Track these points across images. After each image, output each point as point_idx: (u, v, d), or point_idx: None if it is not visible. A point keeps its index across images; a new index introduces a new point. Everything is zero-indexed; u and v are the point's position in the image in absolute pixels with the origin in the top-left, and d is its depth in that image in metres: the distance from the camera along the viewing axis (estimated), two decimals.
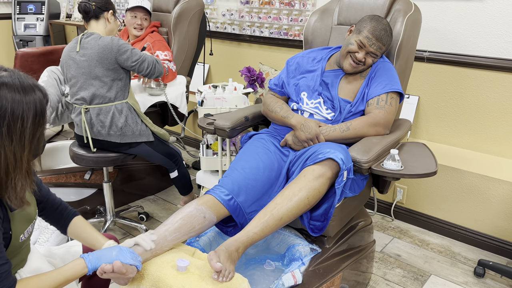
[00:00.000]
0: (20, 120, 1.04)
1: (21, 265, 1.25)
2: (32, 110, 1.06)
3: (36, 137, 1.10)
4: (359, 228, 1.96)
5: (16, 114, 1.04)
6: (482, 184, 2.35)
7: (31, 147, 1.09)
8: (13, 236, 1.17)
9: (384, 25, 1.83)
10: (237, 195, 1.63)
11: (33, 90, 1.07)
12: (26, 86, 1.06)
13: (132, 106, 2.26)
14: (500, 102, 2.40)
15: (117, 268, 1.23)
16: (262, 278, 1.60)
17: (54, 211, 1.41)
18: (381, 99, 1.83)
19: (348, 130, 1.78)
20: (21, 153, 1.07)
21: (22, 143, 1.06)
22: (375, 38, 1.81)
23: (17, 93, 1.04)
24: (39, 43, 4.67)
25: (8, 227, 1.14)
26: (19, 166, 1.08)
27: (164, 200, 2.98)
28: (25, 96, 1.05)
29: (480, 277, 2.20)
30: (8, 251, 1.17)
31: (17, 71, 1.10)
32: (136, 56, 2.16)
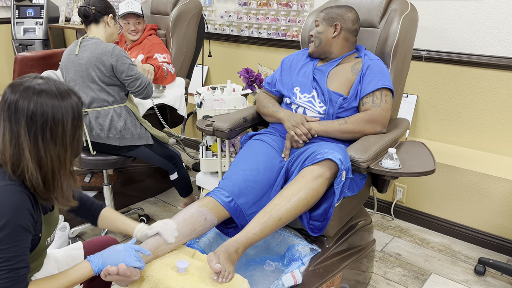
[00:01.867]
0: (61, 124, 1.12)
1: (37, 269, 1.28)
2: (71, 114, 1.14)
3: (76, 139, 1.18)
4: (359, 228, 1.96)
5: (56, 119, 1.12)
6: (481, 182, 2.35)
7: (73, 148, 1.17)
8: (42, 239, 1.21)
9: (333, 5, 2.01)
10: (237, 197, 1.63)
11: (69, 95, 1.15)
12: (63, 92, 1.14)
13: (130, 109, 2.26)
14: (498, 100, 2.41)
15: (122, 271, 1.24)
16: (262, 279, 1.60)
17: (83, 207, 1.47)
18: (376, 97, 1.84)
19: (346, 123, 1.81)
20: (64, 154, 1.15)
21: (64, 145, 1.15)
22: (319, 12, 2.00)
23: (55, 99, 1.12)
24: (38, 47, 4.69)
25: (39, 229, 1.19)
26: (64, 167, 1.16)
27: (165, 202, 2.99)
28: (63, 101, 1.13)
29: (481, 275, 2.20)
30: (33, 254, 1.21)
31: (51, 78, 1.17)
32: (132, 72, 2.16)
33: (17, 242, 1.09)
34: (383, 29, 2.04)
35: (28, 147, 1.10)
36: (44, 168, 1.13)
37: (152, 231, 1.44)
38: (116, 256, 1.27)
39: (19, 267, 1.11)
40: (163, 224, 1.46)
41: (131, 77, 2.15)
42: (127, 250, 1.29)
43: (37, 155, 1.11)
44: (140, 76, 2.18)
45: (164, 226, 1.45)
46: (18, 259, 1.10)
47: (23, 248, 1.11)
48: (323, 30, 1.95)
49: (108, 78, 2.15)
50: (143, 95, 2.22)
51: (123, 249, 1.29)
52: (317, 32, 1.96)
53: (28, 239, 1.13)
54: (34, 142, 1.11)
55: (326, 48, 1.97)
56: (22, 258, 1.11)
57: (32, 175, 1.11)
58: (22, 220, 1.10)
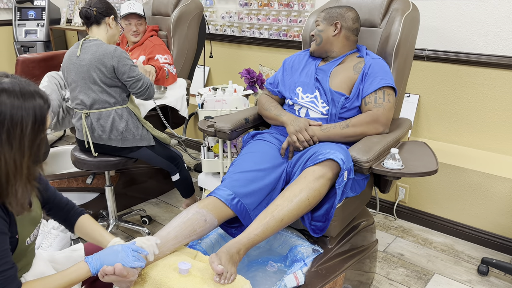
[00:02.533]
0: (19, 126, 1.04)
1: (26, 269, 1.26)
2: (32, 117, 1.06)
3: (36, 144, 1.09)
4: (361, 228, 1.96)
5: (15, 120, 1.04)
6: (484, 182, 2.34)
7: (31, 154, 1.09)
8: (20, 240, 1.18)
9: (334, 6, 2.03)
10: (243, 197, 1.62)
11: (33, 96, 1.07)
12: (26, 92, 1.06)
13: (132, 111, 2.26)
14: (500, 99, 2.40)
15: (118, 270, 1.23)
16: (264, 280, 1.60)
17: (61, 211, 1.42)
18: (378, 97, 1.84)
19: (348, 127, 1.80)
20: (20, 159, 1.07)
21: (21, 149, 1.06)
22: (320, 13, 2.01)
23: (16, 99, 1.04)
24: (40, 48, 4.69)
25: (14, 230, 1.15)
26: (19, 172, 1.07)
27: (166, 203, 2.99)
28: (24, 102, 1.05)
29: (484, 275, 2.19)
30: (15, 255, 1.18)
31: (20, 78, 1.10)
32: (133, 73, 2.16)
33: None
34: (385, 29, 2.04)
35: None
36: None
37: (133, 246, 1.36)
38: (114, 256, 1.26)
39: (4, 270, 1.09)
40: (145, 240, 1.36)
41: (133, 78, 2.15)
42: (124, 250, 1.27)
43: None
44: (141, 77, 2.18)
45: (146, 242, 1.35)
46: (0, 262, 1.08)
47: (3, 251, 1.09)
48: (324, 29, 1.96)
49: (109, 80, 2.15)
50: (144, 96, 2.22)
51: (121, 250, 1.27)
52: (317, 30, 1.98)
53: (6, 241, 1.10)
54: None
55: (327, 46, 1.97)
56: (4, 260, 1.09)
57: None
58: None
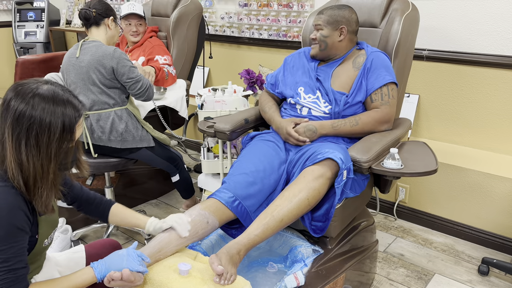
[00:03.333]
0: (47, 132, 1.08)
1: (37, 271, 1.28)
2: (60, 124, 1.09)
3: (63, 151, 1.13)
4: (362, 228, 1.95)
5: (43, 125, 1.07)
6: (484, 181, 2.34)
7: (57, 160, 1.13)
8: (39, 240, 1.20)
9: (333, 6, 1.96)
10: (244, 199, 1.62)
11: (65, 104, 1.11)
12: (59, 100, 1.10)
13: (131, 112, 2.26)
14: (500, 99, 2.40)
15: (126, 276, 1.23)
16: (264, 280, 1.60)
17: (91, 205, 1.47)
18: (384, 94, 1.85)
19: (357, 125, 1.82)
20: (47, 164, 1.11)
21: (48, 155, 1.10)
22: (318, 14, 1.96)
23: (47, 104, 1.08)
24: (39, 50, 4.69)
25: (35, 231, 1.18)
26: (46, 177, 1.11)
27: (167, 204, 2.98)
28: (54, 109, 1.09)
29: (484, 275, 2.19)
30: (31, 255, 1.20)
31: (59, 86, 1.14)
32: (133, 75, 2.16)
33: (14, 243, 1.09)
34: (385, 29, 2.04)
35: (9, 148, 1.08)
36: (26, 172, 1.10)
37: (166, 224, 1.45)
38: (120, 261, 1.26)
39: (17, 268, 1.11)
40: (177, 218, 1.46)
41: (132, 79, 2.15)
42: (130, 255, 1.28)
43: (18, 159, 1.08)
44: (141, 78, 2.18)
45: (178, 220, 1.46)
46: (16, 259, 1.10)
47: (20, 249, 1.11)
48: (329, 34, 1.91)
49: (109, 81, 2.15)
50: (144, 97, 2.22)
51: (126, 254, 1.28)
52: (322, 36, 1.92)
53: (25, 240, 1.13)
54: (16, 145, 1.08)
55: (332, 51, 1.95)
56: (20, 258, 1.11)
57: (13, 175, 1.09)
58: (18, 221, 1.10)
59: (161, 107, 2.62)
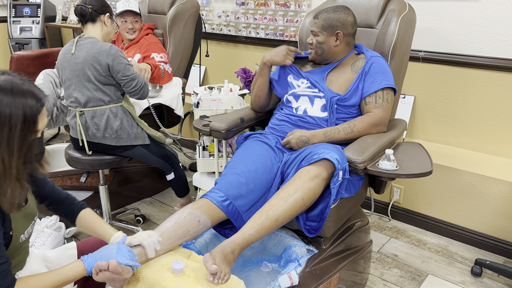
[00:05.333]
0: (7, 124, 1.02)
1: (19, 267, 1.26)
2: (21, 115, 1.03)
3: (26, 144, 1.06)
4: (356, 229, 1.96)
5: (3, 117, 1.01)
6: (478, 183, 2.35)
7: (21, 154, 1.06)
8: (14, 236, 1.17)
9: (328, 8, 1.93)
10: (235, 199, 1.62)
11: (25, 95, 1.05)
12: (18, 91, 1.04)
13: (127, 109, 2.25)
14: (495, 101, 2.41)
15: (113, 267, 1.22)
16: (258, 280, 1.60)
17: (62, 205, 1.42)
18: (378, 97, 1.84)
19: (352, 132, 1.82)
20: (9, 159, 1.03)
21: (10, 149, 1.03)
22: (313, 18, 1.93)
23: (5, 97, 1.02)
24: (35, 46, 4.66)
25: (9, 226, 1.14)
26: (8, 172, 1.05)
27: (161, 202, 2.97)
28: (14, 100, 1.03)
29: (477, 276, 2.20)
30: (9, 252, 1.17)
31: (17, 76, 1.07)
32: (128, 72, 2.15)
33: None
34: (381, 30, 2.04)
35: None
36: None
37: (135, 240, 1.36)
38: (109, 255, 1.25)
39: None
40: (147, 236, 1.36)
41: (127, 77, 2.14)
42: (119, 249, 1.27)
43: None
44: (136, 76, 2.17)
45: (147, 238, 1.36)
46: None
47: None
48: (325, 40, 1.90)
49: (104, 78, 2.14)
50: (138, 95, 2.21)
51: (116, 248, 1.27)
52: (317, 42, 1.91)
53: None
54: None
55: (329, 56, 1.94)
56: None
57: None
58: None
59: (156, 105, 2.61)
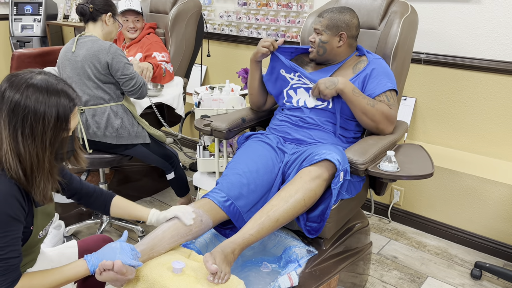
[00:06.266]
0: (41, 121, 1.09)
1: (30, 265, 1.28)
2: (54, 113, 1.10)
3: (58, 141, 1.14)
4: (356, 230, 1.96)
5: (38, 115, 1.08)
6: (479, 186, 2.35)
7: (53, 150, 1.14)
8: (34, 231, 1.20)
9: (333, 8, 1.91)
10: (236, 200, 1.61)
11: (59, 94, 1.12)
12: (52, 90, 1.11)
13: (127, 108, 2.25)
14: (496, 104, 2.40)
15: (117, 267, 1.23)
16: (258, 280, 1.59)
17: (91, 198, 1.47)
18: (389, 97, 1.84)
19: (373, 107, 1.78)
20: (43, 154, 1.12)
21: (43, 144, 1.11)
22: (317, 17, 1.92)
23: (41, 95, 1.09)
24: (36, 44, 4.66)
25: (30, 221, 1.18)
26: (42, 166, 1.12)
27: (161, 201, 2.97)
28: (48, 98, 1.10)
29: (477, 279, 2.20)
30: (26, 247, 1.20)
31: (53, 76, 1.15)
32: (127, 71, 2.14)
33: (7, 233, 1.09)
34: (383, 31, 2.04)
35: (7, 139, 1.09)
36: (23, 162, 1.11)
37: (170, 213, 1.47)
38: (113, 254, 1.26)
39: (10, 257, 1.10)
40: (180, 208, 1.49)
41: (126, 76, 2.14)
42: (123, 248, 1.28)
43: (16, 148, 1.10)
44: (135, 75, 2.17)
45: (180, 209, 1.48)
46: (8, 249, 1.10)
47: (14, 239, 1.11)
48: (328, 40, 1.88)
49: (103, 76, 2.14)
50: (137, 95, 2.21)
51: (119, 247, 1.28)
52: (320, 41, 1.89)
53: (19, 230, 1.12)
54: (13, 135, 1.09)
55: (330, 56, 1.93)
56: (13, 248, 1.11)
57: (11, 166, 1.10)
58: (11, 210, 1.09)
59: (157, 104, 2.61)
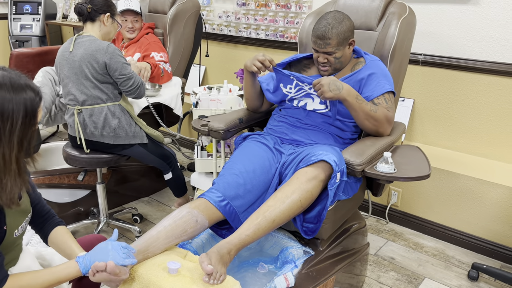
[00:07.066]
0: (9, 120, 1.02)
1: (12, 263, 1.25)
2: (22, 110, 1.04)
3: (27, 138, 1.07)
4: (353, 231, 1.95)
5: (5, 114, 1.02)
6: (476, 187, 2.35)
7: (21, 148, 1.07)
8: (8, 231, 1.16)
9: (326, 20, 1.81)
10: (233, 200, 1.61)
11: (24, 89, 1.05)
12: (17, 86, 1.04)
13: (125, 108, 2.25)
14: (494, 105, 2.41)
15: (110, 268, 1.21)
16: (254, 281, 1.59)
17: (40, 218, 1.38)
18: (387, 99, 1.84)
19: (375, 112, 1.78)
20: (10, 153, 1.04)
21: (11, 143, 1.04)
22: (319, 39, 1.81)
23: (7, 92, 1.02)
24: (35, 43, 4.65)
25: (3, 221, 1.13)
26: (8, 166, 1.05)
27: (158, 201, 2.97)
28: (15, 96, 1.03)
29: (474, 281, 2.20)
30: (2, 247, 1.16)
31: (11, 71, 1.07)
32: (125, 71, 2.14)
33: None
34: (381, 32, 2.04)
35: None
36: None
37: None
38: (104, 255, 1.24)
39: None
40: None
41: (124, 76, 2.14)
42: (114, 248, 1.26)
43: None
44: (133, 75, 2.17)
45: None
46: None
47: None
48: (342, 54, 1.85)
49: (101, 76, 2.14)
50: (135, 95, 2.21)
51: (111, 248, 1.26)
52: (336, 59, 1.85)
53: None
54: None
55: (345, 64, 1.92)
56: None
57: None
58: None
59: (155, 104, 2.61)
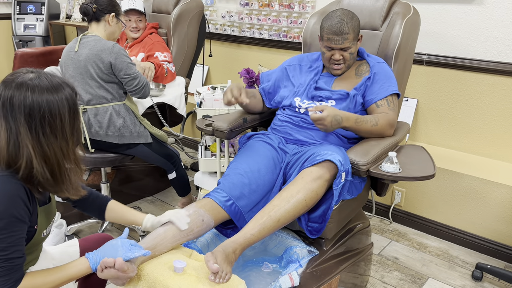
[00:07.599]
0: (58, 117, 1.14)
1: (32, 263, 1.29)
2: (66, 106, 1.15)
3: (75, 129, 1.20)
4: (357, 231, 1.96)
5: (53, 113, 1.12)
6: (480, 187, 2.35)
7: (73, 139, 1.19)
8: (37, 231, 1.21)
9: (338, 16, 1.81)
10: (238, 200, 1.62)
11: (62, 87, 1.16)
12: (56, 85, 1.15)
13: (129, 107, 2.25)
14: (498, 105, 2.40)
15: (119, 264, 1.23)
16: (259, 280, 1.59)
17: (86, 201, 1.48)
18: (390, 101, 1.85)
19: (377, 125, 1.80)
20: (66, 146, 1.17)
21: (65, 137, 1.16)
22: (335, 35, 1.80)
23: (49, 93, 1.13)
24: (38, 43, 4.67)
25: (35, 220, 1.19)
26: (68, 158, 1.18)
27: (162, 201, 2.98)
28: (57, 95, 1.14)
29: (478, 281, 2.19)
30: (29, 245, 1.21)
31: (42, 71, 1.18)
32: (130, 71, 2.15)
33: (12, 233, 1.10)
34: (385, 32, 2.04)
35: (31, 144, 1.11)
36: (50, 162, 1.14)
37: (164, 218, 1.47)
38: (114, 251, 1.27)
39: (14, 257, 1.11)
40: (175, 213, 1.48)
41: (129, 75, 2.14)
42: (124, 245, 1.28)
43: (41, 150, 1.13)
44: (138, 75, 2.17)
45: (175, 214, 1.48)
46: (13, 249, 1.11)
47: (18, 239, 1.12)
48: (355, 49, 1.87)
49: (106, 76, 2.15)
50: (140, 94, 2.22)
51: (120, 245, 1.28)
52: (351, 54, 1.86)
53: (23, 230, 1.13)
54: (36, 138, 1.12)
55: (353, 62, 1.93)
56: (17, 248, 1.12)
57: (38, 170, 1.12)
58: (17, 211, 1.10)
59: (159, 104, 2.62)
